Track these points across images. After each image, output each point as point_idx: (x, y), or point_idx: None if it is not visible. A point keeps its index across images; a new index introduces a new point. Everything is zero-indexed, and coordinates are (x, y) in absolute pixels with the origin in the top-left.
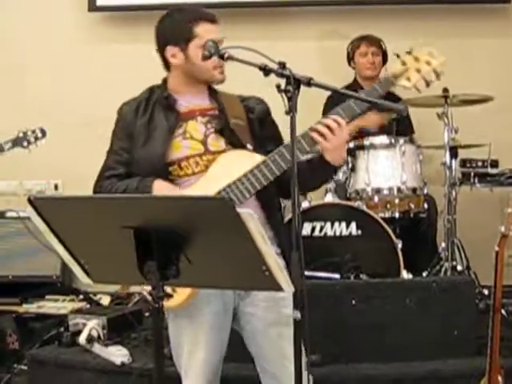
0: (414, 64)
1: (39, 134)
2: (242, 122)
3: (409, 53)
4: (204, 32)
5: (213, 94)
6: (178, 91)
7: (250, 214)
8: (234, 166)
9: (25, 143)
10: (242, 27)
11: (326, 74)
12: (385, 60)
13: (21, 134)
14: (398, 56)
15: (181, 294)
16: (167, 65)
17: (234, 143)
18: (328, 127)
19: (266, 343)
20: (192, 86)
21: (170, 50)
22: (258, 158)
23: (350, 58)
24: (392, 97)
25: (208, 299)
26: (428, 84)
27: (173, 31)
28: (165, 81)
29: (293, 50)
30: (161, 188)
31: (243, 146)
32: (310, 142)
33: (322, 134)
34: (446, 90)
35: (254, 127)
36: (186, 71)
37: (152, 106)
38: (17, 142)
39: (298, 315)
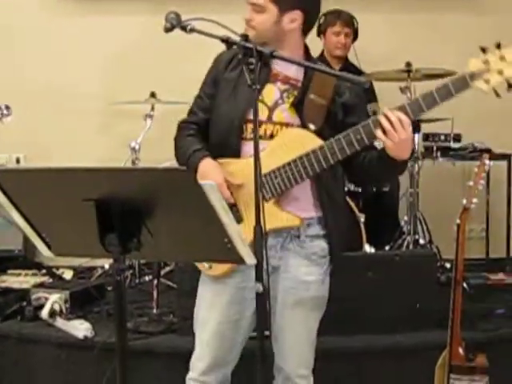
0: (498, 64)
1: (5, 112)
2: (323, 101)
3: (498, 47)
4: None
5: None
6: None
7: (212, 186)
8: (293, 146)
9: None
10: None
11: None
12: (355, 38)
13: None
14: (483, 51)
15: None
16: None
17: (302, 119)
18: (390, 122)
19: (283, 324)
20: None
21: None
22: (317, 141)
23: (321, 32)
24: (353, 69)
25: (234, 270)
26: (510, 87)
27: None
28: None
29: None
30: (205, 169)
31: (305, 126)
32: (370, 136)
33: (383, 130)
34: (408, 64)
35: (336, 110)
36: None
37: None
38: None
39: (260, 288)
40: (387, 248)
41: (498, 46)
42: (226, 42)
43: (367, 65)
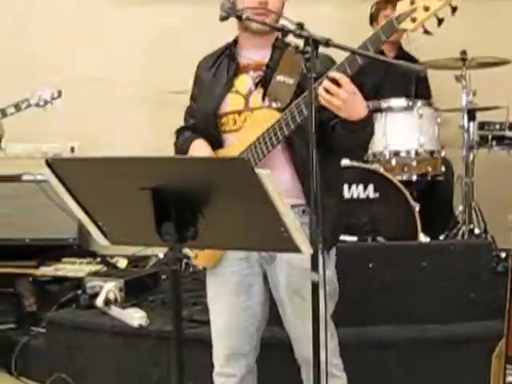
0: (424, 1)
1: (55, 94)
2: (291, 80)
3: None
4: None
5: (277, 48)
6: (242, 45)
7: (267, 175)
8: (259, 127)
9: (41, 102)
10: None
11: (344, 38)
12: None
13: (38, 93)
14: None
15: (207, 252)
16: None
17: (269, 99)
18: (327, 90)
19: (289, 311)
20: (250, 37)
21: None
22: (277, 116)
23: (374, 19)
24: (408, 57)
25: (234, 258)
26: (440, 22)
27: None
28: (238, 36)
29: (311, 15)
30: (194, 148)
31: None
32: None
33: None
34: (464, 52)
35: (304, 85)
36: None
37: (220, 60)
38: (33, 101)
39: (316, 277)
40: (442, 237)
41: None
42: (282, 30)
43: (421, 53)
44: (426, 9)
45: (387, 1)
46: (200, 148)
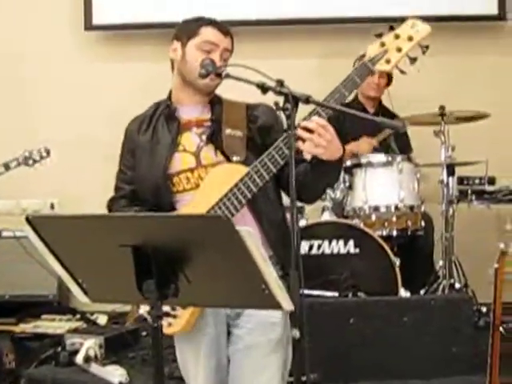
0: (395, 42)
1: (44, 154)
2: (240, 133)
3: (391, 28)
4: (207, 33)
5: (215, 103)
6: (179, 101)
7: (249, 232)
8: (223, 182)
9: (30, 162)
10: (243, 45)
11: (327, 92)
12: (389, 81)
13: (27, 154)
14: (378, 36)
15: (180, 320)
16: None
17: (225, 155)
18: (310, 131)
19: (243, 367)
20: (191, 94)
21: (174, 45)
22: (245, 170)
23: None
24: (387, 113)
25: (203, 323)
26: (413, 61)
27: (182, 27)
28: (170, 93)
29: (293, 68)
30: None
31: (229, 160)
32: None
33: (309, 139)
34: (442, 107)
35: (253, 137)
36: (180, 71)
37: (156, 121)
38: (22, 161)
39: (297, 334)
40: (422, 292)
41: (391, 28)
42: (262, 87)
43: (400, 109)
44: (399, 50)
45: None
46: None
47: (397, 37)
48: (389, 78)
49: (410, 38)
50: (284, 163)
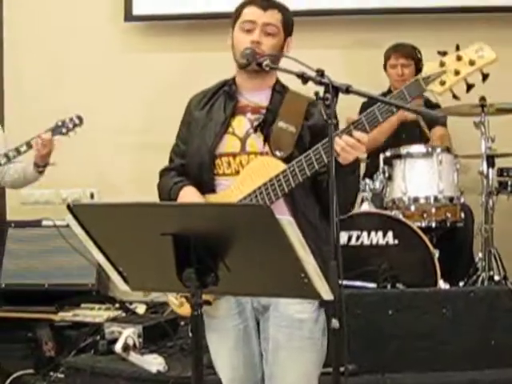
0: (455, 64)
1: (76, 121)
2: (293, 128)
3: (457, 48)
4: (246, 13)
5: (276, 92)
6: (241, 86)
7: (289, 221)
8: (260, 175)
9: (64, 130)
10: None
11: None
12: (419, 69)
13: (59, 123)
14: (442, 54)
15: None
16: None
17: (269, 147)
18: (350, 145)
19: (273, 365)
20: (246, 78)
21: (230, 32)
22: (282, 166)
23: (385, 68)
24: (430, 104)
25: (230, 314)
26: (469, 88)
27: (233, 13)
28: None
29: (320, 59)
30: (184, 196)
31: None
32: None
33: (342, 148)
34: (482, 98)
35: (303, 134)
36: (233, 57)
37: (216, 98)
38: (56, 130)
39: (337, 324)
40: (462, 284)
41: (457, 48)
42: (302, 77)
43: (440, 100)
44: (457, 73)
45: (392, 49)
46: (191, 196)
47: (459, 59)
48: (417, 65)
49: (472, 63)
50: (319, 168)
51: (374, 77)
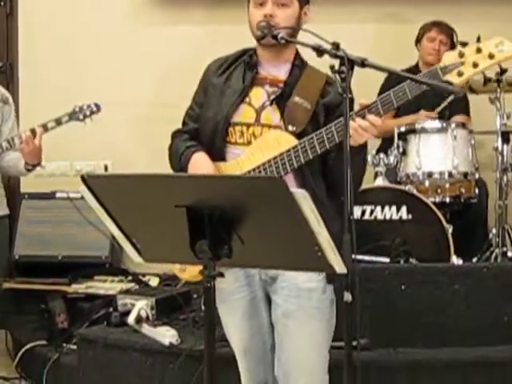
0: (474, 56)
1: (94, 108)
2: (307, 104)
3: (478, 40)
4: None
5: (295, 66)
6: (262, 58)
7: (303, 194)
8: (270, 148)
9: (81, 116)
10: None
11: (381, 58)
12: (452, 49)
13: (77, 109)
14: (462, 45)
15: (194, 267)
16: None
17: (283, 121)
18: (363, 127)
19: (283, 334)
20: (264, 52)
21: (246, 8)
22: (294, 142)
23: (418, 40)
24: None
25: (238, 286)
26: (486, 82)
27: None
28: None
29: (350, 33)
30: (195, 162)
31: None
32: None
33: (355, 129)
34: (498, 74)
35: (318, 111)
36: (251, 30)
37: (236, 66)
38: (73, 116)
39: (350, 298)
40: (475, 260)
41: (478, 39)
42: (317, 50)
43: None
44: (475, 65)
45: (434, 24)
46: (202, 164)
47: (478, 51)
48: (452, 46)
49: (491, 56)
50: (330, 147)
51: (400, 52)
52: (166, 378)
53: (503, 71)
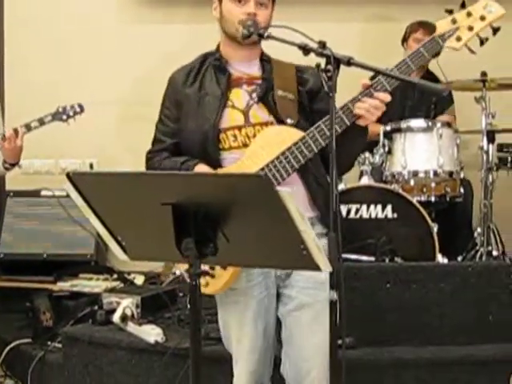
0: (467, 21)
1: (77, 109)
2: (291, 95)
3: (463, 6)
4: None
5: (264, 62)
6: (227, 55)
7: (289, 192)
8: (274, 144)
9: (64, 117)
10: (284, 8)
11: (369, 56)
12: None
13: (60, 109)
14: (449, 12)
15: (218, 281)
16: None
17: (277, 116)
18: (374, 106)
19: (293, 328)
20: (237, 49)
21: (214, 3)
22: (298, 134)
23: (405, 39)
24: (431, 77)
25: (252, 284)
26: (482, 42)
27: None
28: (219, 46)
29: (336, 32)
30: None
31: (283, 121)
32: (350, 116)
33: (367, 110)
34: (484, 73)
35: (303, 100)
36: (222, 28)
37: (204, 72)
38: (56, 116)
39: (335, 296)
40: (460, 259)
41: (463, 5)
42: (304, 48)
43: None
44: (470, 28)
45: (420, 24)
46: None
47: (469, 15)
48: None
49: (483, 18)
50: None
51: (386, 51)
52: (152, 376)
53: (496, 30)
